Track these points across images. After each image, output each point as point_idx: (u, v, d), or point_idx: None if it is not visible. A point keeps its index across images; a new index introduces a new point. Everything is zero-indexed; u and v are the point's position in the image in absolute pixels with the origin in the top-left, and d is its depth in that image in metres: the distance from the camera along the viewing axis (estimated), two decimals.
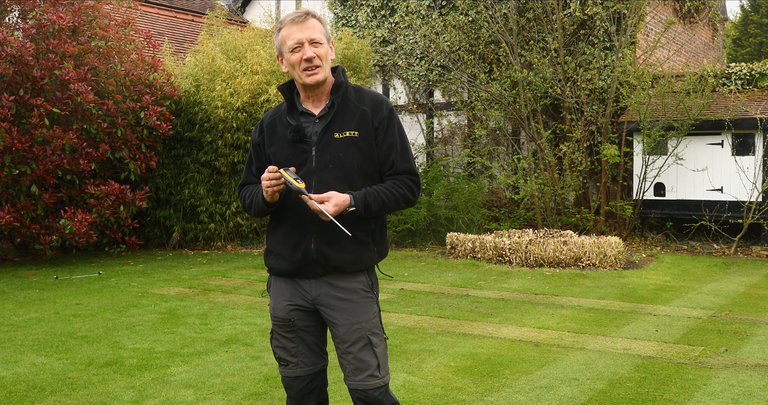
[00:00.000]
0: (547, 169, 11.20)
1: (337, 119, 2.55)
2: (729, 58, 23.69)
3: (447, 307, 6.57)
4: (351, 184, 2.51)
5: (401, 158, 2.57)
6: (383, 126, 2.56)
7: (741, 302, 6.76)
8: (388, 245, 2.72)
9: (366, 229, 2.56)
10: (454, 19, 12.42)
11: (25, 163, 8.85)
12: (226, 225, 11.06)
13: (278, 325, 2.65)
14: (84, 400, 4.02)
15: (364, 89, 2.63)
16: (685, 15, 13.83)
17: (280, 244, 2.60)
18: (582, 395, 4.06)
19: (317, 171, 2.52)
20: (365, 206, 2.46)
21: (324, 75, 2.52)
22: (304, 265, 2.54)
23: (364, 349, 2.54)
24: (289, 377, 2.66)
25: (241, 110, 10.75)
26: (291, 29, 2.50)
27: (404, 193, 2.55)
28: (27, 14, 9.34)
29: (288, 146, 2.57)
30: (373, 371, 2.55)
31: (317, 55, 2.49)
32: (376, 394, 2.55)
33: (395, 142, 2.57)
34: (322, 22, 2.55)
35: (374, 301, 2.60)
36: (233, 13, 16.87)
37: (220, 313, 6.31)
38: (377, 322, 2.59)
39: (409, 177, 2.58)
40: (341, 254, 2.51)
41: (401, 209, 2.62)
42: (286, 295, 2.62)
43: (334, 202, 2.39)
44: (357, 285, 2.56)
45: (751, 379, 4.35)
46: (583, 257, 8.74)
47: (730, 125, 10.21)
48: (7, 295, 7.28)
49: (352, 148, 2.52)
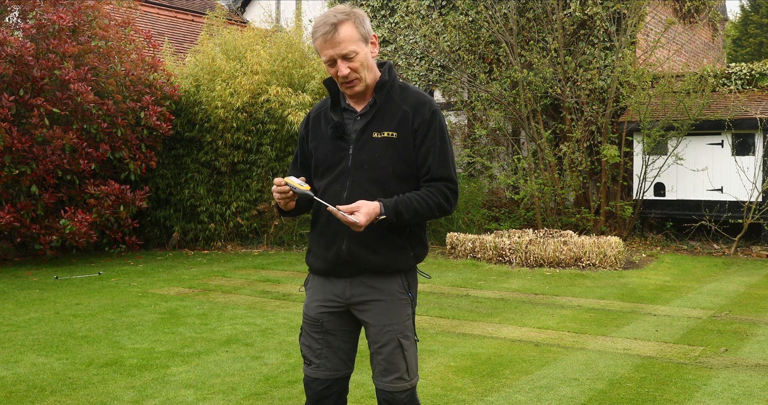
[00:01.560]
0: (547, 169, 11.20)
1: (378, 118, 2.48)
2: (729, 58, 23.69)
3: (447, 307, 6.57)
4: (384, 186, 2.44)
5: (439, 164, 2.46)
6: (423, 128, 2.46)
7: (741, 302, 6.76)
8: (428, 247, 2.66)
9: (401, 234, 2.49)
10: (454, 19, 12.42)
11: (25, 163, 8.85)
12: (226, 225, 11.06)
13: (308, 323, 2.61)
14: (84, 400, 4.02)
15: (410, 88, 2.54)
16: (685, 15, 13.83)
17: (315, 242, 2.57)
18: (582, 395, 4.06)
19: (352, 170, 2.46)
20: (396, 214, 2.38)
21: (363, 85, 2.45)
22: (337, 265, 2.50)
23: (395, 352, 2.50)
24: (309, 377, 2.62)
25: (241, 110, 10.75)
26: (322, 45, 2.39)
27: (439, 201, 2.45)
28: (27, 14, 9.34)
29: (328, 142, 2.52)
30: (402, 374, 2.51)
31: (352, 69, 2.40)
32: (402, 397, 2.51)
33: (434, 146, 2.46)
34: (356, 23, 2.39)
35: (409, 304, 2.54)
36: (233, 13, 16.87)
37: (220, 313, 6.31)
38: (410, 325, 2.54)
39: (445, 184, 2.47)
40: (373, 256, 2.45)
41: (436, 218, 2.53)
42: (319, 296, 2.58)
43: (364, 211, 2.31)
44: (393, 286, 2.50)
45: (751, 379, 4.35)
46: (583, 257, 8.74)
47: (730, 125, 10.21)
48: (7, 295, 7.28)
49: (389, 150, 2.44)
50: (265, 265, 9.40)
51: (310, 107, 10.65)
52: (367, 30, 2.43)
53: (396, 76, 2.56)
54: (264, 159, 10.94)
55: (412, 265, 2.55)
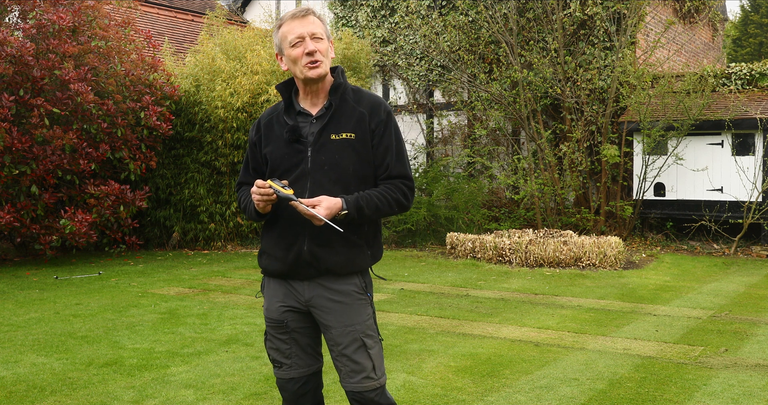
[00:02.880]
0: (547, 169, 11.20)
1: (334, 120, 2.53)
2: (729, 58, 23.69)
3: (447, 307, 6.57)
4: (345, 186, 2.50)
5: (396, 162, 2.55)
6: (380, 129, 2.54)
7: (741, 302, 6.76)
8: (382, 248, 2.70)
9: (359, 232, 2.54)
10: (454, 19, 12.42)
11: (25, 163, 8.85)
12: (226, 225, 11.06)
13: (272, 326, 2.64)
14: (84, 400, 4.02)
15: (363, 91, 2.62)
16: (685, 15, 13.83)
17: (273, 245, 2.59)
18: (582, 395, 4.06)
19: (312, 172, 2.51)
20: (358, 210, 2.44)
21: (325, 69, 2.52)
22: (296, 266, 2.53)
23: (359, 352, 2.53)
24: (284, 379, 2.65)
25: (241, 110, 10.75)
26: (292, 24, 2.51)
27: (397, 197, 2.53)
28: (27, 14, 9.34)
29: (284, 146, 2.56)
30: (369, 373, 2.54)
31: (318, 49, 2.48)
32: (372, 396, 2.54)
33: (391, 145, 2.55)
34: (322, 21, 2.55)
35: (368, 303, 2.59)
36: (233, 13, 16.87)
37: (220, 313, 6.31)
38: (371, 324, 2.58)
39: (402, 181, 2.55)
40: (334, 256, 2.50)
41: (395, 214, 2.60)
42: (279, 297, 2.61)
43: (325, 205, 2.37)
44: (350, 287, 2.55)
45: (751, 379, 4.35)
46: (583, 257, 8.74)
47: (730, 125, 10.21)
48: (7, 295, 7.28)
49: (348, 150, 2.50)
50: None
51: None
52: (329, 31, 2.63)
53: (347, 80, 2.65)
54: None
55: (370, 265, 2.60)
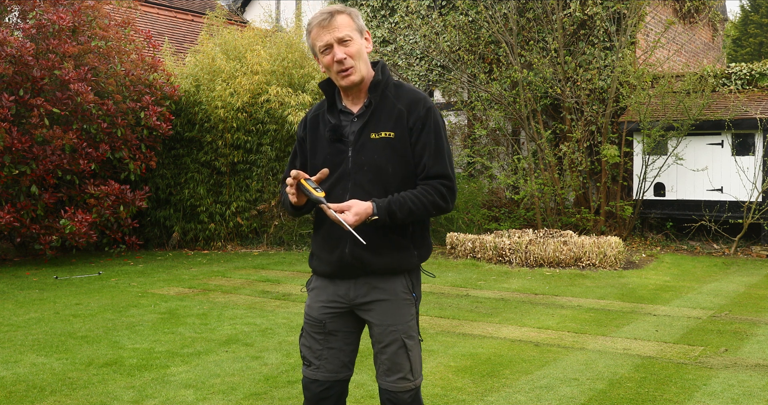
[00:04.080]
0: (547, 169, 11.20)
1: (374, 119, 2.46)
2: (729, 58, 23.69)
3: (447, 307, 6.57)
4: (386, 187, 2.42)
5: (434, 161, 2.44)
6: (418, 126, 2.45)
7: (741, 302, 6.76)
8: (431, 246, 2.63)
9: (405, 233, 2.48)
10: (454, 19, 12.42)
11: (25, 163, 8.85)
12: (226, 225, 11.06)
13: (310, 323, 2.59)
14: (84, 400, 4.02)
15: (404, 86, 2.52)
16: (685, 15, 13.83)
17: (319, 247, 2.55)
18: (582, 395, 4.06)
19: (352, 173, 2.44)
20: (389, 214, 2.36)
21: (359, 75, 2.44)
22: (341, 268, 2.49)
23: (399, 352, 2.49)
24: (309, 379, 2.60)
25: (241, 110, 10.75)
26: (319, 32, 2.43)
27: (434, 199, 2.42)
28: (27, 14, 9.34)
29: (327, 145, 2.50)
30: (406, 374, 2.50)
31: (348, 54, 2.40)
32: (405, 397, 2.50)
33: (429, 143, 2.45)
34: (351, 16, 2.44)
35: (413, 304, 2.54)
36: (233, 13, 16.87)
37: (220, 313, 6.31)
38: (413, 325, 2.54)
39: (441, 182, 2.44)
40: (378, 258, 2.45)
41: (432, 216, 2.50)
42: (323, 297, 2.56)
43: (354, 211, 2.31)
44: (397, 286, 2.50)
45: (751, 379, 4.35)
46: (583, 257, 8.73)
47: (730, 125, 10.21)
48: (7, 295, 7.28)
49: (388, 150, 2.43)
50: (265, 265, 9.40)
51: (310, 107, 10.66)
52: (361, 24, 2.47)
53: (390, 75, 2.55)
54: (264, 159, 10.94)
55: (417, 265, 2.54)
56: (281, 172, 11.06)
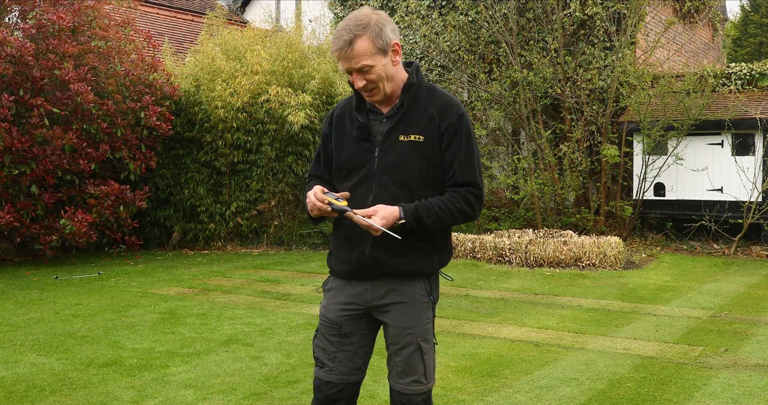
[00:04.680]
0: (547, 169, 11.19)
1: (405, 121, 2.44)
2: (729, 58, 23.69)
3: (447, 307, 6.57)
4: (410, 190, 2.42)
5: (463, 168, 2.43)
6: (449, 132, 2.43)
7: (741, 302, 6.76)
8: (452, 251, 2.62)
9: (426, 238, 2.47)
10: (454, 19, 12.41)
11: (25, 163, 8.85)
12: (225, 225, 11.06)
13: (325, 325, 2.56)
14: (84, 400, 4.02)
15: (437, 90, 2.51)
16: (685, 15, 13.83)
17: (339, 246, 2.54)
18: (582, 395, 4.06)
19: (378, 173, 2.43)
20: (416, 219, 2.35)
21: (382, 94, 2.43)
22: (360, 268, 2.47)
23: (414, 355, 2.47)
24: (321, 380, 2.57)
25: (241, 110, 10.75)
26: (338, 58, 2.39)
27: (461, 207, 2.42)
28: (27, 14, 9.34)
29: (353, 144, 2.49)
30: (419, 377, 2.49)
31: (368, 80, 2.38)
32: (418, 401, 2.49)
33: (460, 150, 2.43)
34: (371, 38, 2.35)
35: (430, 307, 2.52)
36: (233, 13, 16.87)
37: (220, 313, 6.31)
38: (430, 328, 2.52)
39: (470, 190, 2.43)
40: (398, 260, 2.43)
41: (459, 224, 2.49)
42: (340, 299, 2.54)
43: (381, 215, 2.31)
44: (415, 289, 2.48)
45: (751, 379, 4.35)
46: (583, 257, 8.73)
47: (730, 125, 10.21)
48: (7, 295, 7.28)
49: (415, 153, 2.41)
50: (265, 265, 9.40)
51: (310, 107, 10.66)
52: (386, 40, 2.37)
53: (423, 78, 2.53)
54: (264, 159, 10.94)
55: (437, 270, 2.53)
56: (281, 172, 11.06)
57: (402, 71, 2.48)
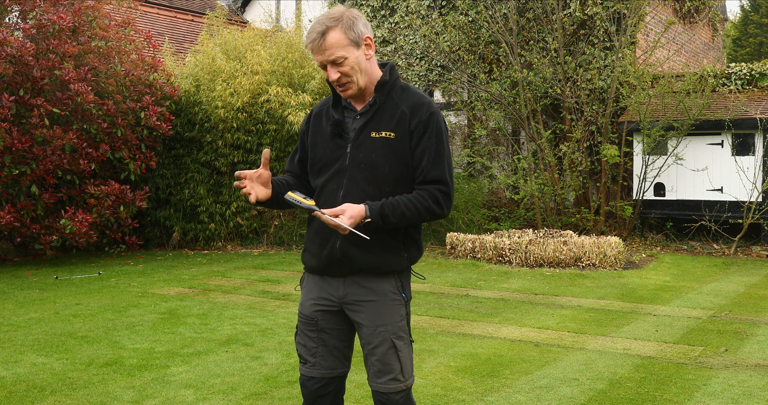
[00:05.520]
0: (547, 169, 11.20)
1: (377, 118, 2.48)
2: (729, 58, 23.69)
3: (447, 307, 6.57)
4: (380, 187, 2.45)
5: (432, 165, 2.45)
6: (420, 129, 2.46)
7: (741, 302, 6.76)
8: (422, 248, 2.64)
9: (395, 234, 2.50)
10: (454, 19, 12.42)
11: (25, 163, 8.85)
12: (226, 225, 11.06)
13: (303, 321, 2.61)
14: (84, 400, 4.02)
15: (410, 89, 2.55)
16: (685, 15, 13.83)
17: (310, 240, 2.58)
18: (582, 395, 4.06)
19: (349, 169, 2.47)
20: (382, 218, 2.38)
21: (357, 88, 2.46)
22: (330, 263, 2.50)
23: (388, 353, 2.50)
24: (305, 376, 2.63)
25: (241, 110, 10.75)
26: (312, 51, 2.44)
27: (428, 205, 2.43)
28: (27, 14, 9.34)
29: (327, 140, 2.53)
30: (396, 375, 2.51)
31: (342, 73, 2.42)
32: (397, 398, 2.51)
33: (429, 147, 2.45)
34: (344, 30, 2.39)
35: (402, 304, 2.54)
36: (233, 13, 16.88)
37: (220, 313, 6.31)
38: (403, 325, 2.54)
39: (438, 187, 2.45)
40: (367, 256, 2.46)
41: (426, 221, 2.50)
42: (314, 294, 2.59)
43: (348, 214, 2.33)
44: (386, 286, 2.50)
45: (751, 379, 4.35)
46: (583, 257, 8.73)
47: (730, 125, 10.21)
48: (7, 295, 7.28)
49: (386, 150, 2.45)
50: (265, 265, 9.40)
51: (311, 107, 10.66)
52: (358, 33, 2.42)
53: (398, 77, 2.57)
54: None
55: (406, 267, 2.56)
56: (281, 172, 11.05)
57: (376, 69, 2.53)
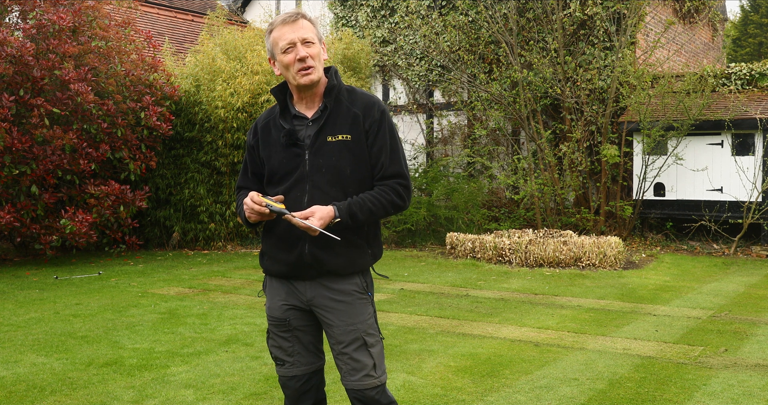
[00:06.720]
0: (547, 169, 11.20)
1: (330, 122, 2.54)
2: (729, 58, 23.69)
3: (447, 307, 6.57)
4: (344, 188, 2.51)
5: (390, 161, 2.54)
6: (374, 129, 2.54)
7: (741, 302, 6.76)
8: (383, 246, 2.73)
9: (359, 233, 2.56)
10: (454, 19, 12.42)
11: (25, 163, 8.85)
12: (226, 225, 11.06)
13: (274, 324, 2.65)
14: (84, 400, 4.03)
15: (357, 91, 2.62)
16: (685, 15, 13.83)
17: (274, 246, 2.60)
18: (582, 395, 4.06)
19: (310, 175, 2.52)
20: (351, 216, 2.45)
21: (318, 75, 2.52)
22: (298, 268, 2.55)
23: (360, 350, 2.55)
24: (286, 377, 2.67)
25: (242, 110, 10.75)
26: (283, 30, 2.49)
27: (391, 199, 2.52)
28: (27, 14, 9.34)
29: (281, 150, 2.57)
30: (369, 371, 2.56)
31: (310, 55, 2.48)
32: (372, 394, 2.56)
33: (385, 145, 2.54)
34: (313, 23, 2.54)
35: (369, 303, 2.61)
36: (233, 13, 16.87)
37: (220, 313, 6.32)
38: (372, 323, 2.60)
39: (397, 181, 2.55)
40: (335, 258, 2.52)
41: (391, 215, 2.60)
42: (281, 295, 2.63)
43: (318, 216, 2.39)
44: (351, 287, 2.56)
45: (751, 379, 4.35)
46: (583, 257, 8.74)
47: (730, 125, 10.21)
48: (7, 295, 7.28)
49: (345, 152, 2.51)
50: None
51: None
52: (321, 33, 2.59)
53: (341, 81, 2.64)
54: None
55: (371, 264, 2.62)
56: None
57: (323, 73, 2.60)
